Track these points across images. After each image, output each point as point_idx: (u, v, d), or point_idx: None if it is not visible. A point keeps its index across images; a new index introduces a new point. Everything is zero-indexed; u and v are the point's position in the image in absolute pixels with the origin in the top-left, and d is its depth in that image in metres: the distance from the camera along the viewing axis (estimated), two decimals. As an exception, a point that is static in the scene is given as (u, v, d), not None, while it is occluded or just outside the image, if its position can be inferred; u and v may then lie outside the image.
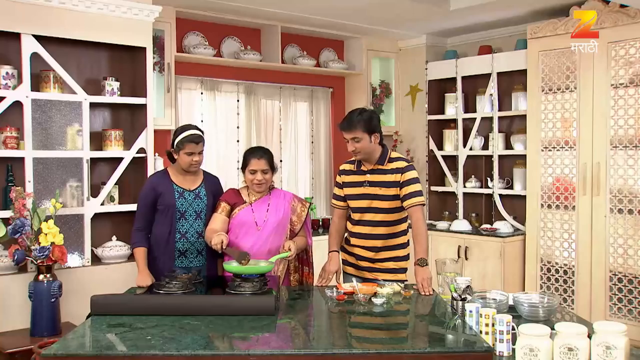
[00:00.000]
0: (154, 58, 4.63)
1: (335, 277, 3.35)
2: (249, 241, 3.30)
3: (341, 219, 3.50)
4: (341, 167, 3.48)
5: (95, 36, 4.16)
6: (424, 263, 3.13)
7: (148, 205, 3.37)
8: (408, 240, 3.40)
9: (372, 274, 3.33)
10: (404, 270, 3.37)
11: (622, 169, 4.67)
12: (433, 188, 6.21)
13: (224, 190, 3.54)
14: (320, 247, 4.59)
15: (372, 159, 3.29)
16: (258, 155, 3.35)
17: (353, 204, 3.37)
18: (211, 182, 3.53)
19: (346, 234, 3.50)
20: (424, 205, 3.26)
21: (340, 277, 3.40)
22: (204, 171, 3.53)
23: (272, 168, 3.39)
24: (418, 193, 3.23)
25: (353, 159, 3.38)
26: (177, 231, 3.37)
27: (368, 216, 3.32)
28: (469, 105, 6.03)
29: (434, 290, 3.08)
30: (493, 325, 2.43)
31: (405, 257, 3.38)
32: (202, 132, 3.41)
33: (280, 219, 3.37)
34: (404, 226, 3.37)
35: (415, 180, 3.25)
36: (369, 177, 3.30)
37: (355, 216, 3.37)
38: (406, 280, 3.33)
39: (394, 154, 3.35)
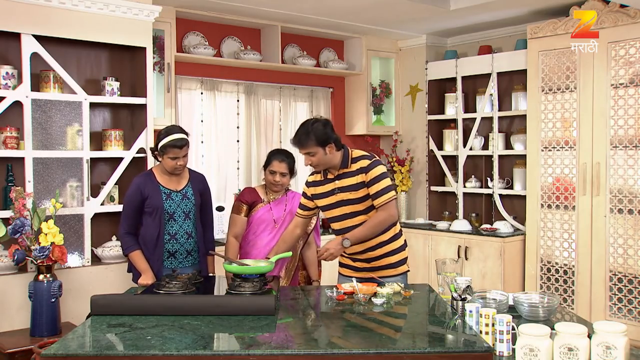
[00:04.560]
0: (154, 58, 4.63)
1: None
2: (265, 238, 3.44)
3: (296, 227, 3.39)
4: (309, 179, 3.36)
5: (95, 36, 4.16)
6: (346, 242, 3.07)
7: (135, 208, 3.34)
8: (400, 231, 3.32)
9: (374, 273, 3.25)
10: (404, 261, 3.30)
11: (622, 169, 4.67)
12: (433, 188, 6.21)
13: (210, 188, 3.64)
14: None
15: (335, 166, 3.18)
16: (280, 159, 3.53)
17: (329, 214, 3.27)
18: (197, 180, 3.50)
19: None
20: (394, 199, 3.12)
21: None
22: (189, 169, 3.51)
23: (292, 172, 3.60)
24: (384, 190, 3.10)
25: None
26: (167, 232, 3.35)
27: (347, 222, 3.21)
28: (469, 105, 6.03)
29: (433, 290, 3.08)
30: (493, 325, 2.43)
31: (402, 248, 3.30)
32: (186, 133, 3.36)
33: None
34: None
35: (379, 178, 3.11)
36: (338, 184, 3.19)
37: (335, 225, 3.28)
38: (408, 270, 3.31)
39: (355, 153, 3.22)
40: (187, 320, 2.49)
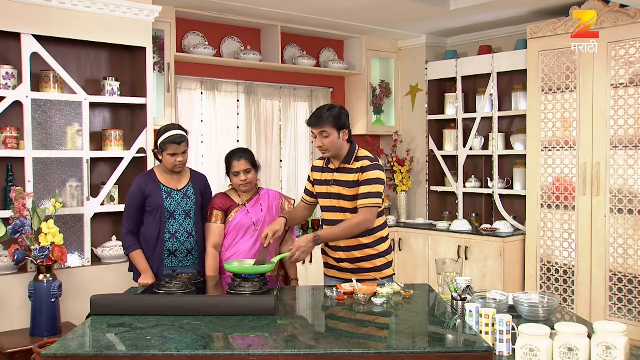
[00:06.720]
0: (154, 58, 4.63)
1: (269, 237, 3.13)
2: (249, 242, 3.34)
3: (304, 209, 3.41)
4: (315, 163, 3.39)
5: (95, 36, 4.16)
6: (317, 240, 3.05)
7: (136, 207, 3.35)
8: (387, 235, 3.28)
9: (357, 275, 3.19)
10: (389, 264, 3.27)
11: (622, 169, 4.67)
12: (433, 188, 6.21)
13: (212, 188, 3.59)
14: (318, 247, 4.58)
15: (340, 157, 3.18)
16: (237, 157, 3.42)
17: (322, 202, 3.29)
18: (199, 180, 3.52)
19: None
20: (377, 208, 3.10)
21: (272, 239, 3.15)
22: (190, 169, 3.53)
23: (255, 166, 3.45)
24: (372, 195, 3.08)
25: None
26: (167, 231, 3.36)
27: (338, 215, 3.20)
28: (469, 105, 6.03)
29: (433, 290, 3.08)
30: (493, 325, 2.43)
31: (387, 252, 3.26)
32: (185, 131, 3.39)
33: (274, 217, 3.43)
34: (377, 222, 3.23)
35: (373, 181, 3.09)
36: (336, 176, 3.19)
37: (326, 215, 3.28)
38: (394, 274, 3.30)
39: (361, 152, 3.22)
40: (187, 320, 2.49)
